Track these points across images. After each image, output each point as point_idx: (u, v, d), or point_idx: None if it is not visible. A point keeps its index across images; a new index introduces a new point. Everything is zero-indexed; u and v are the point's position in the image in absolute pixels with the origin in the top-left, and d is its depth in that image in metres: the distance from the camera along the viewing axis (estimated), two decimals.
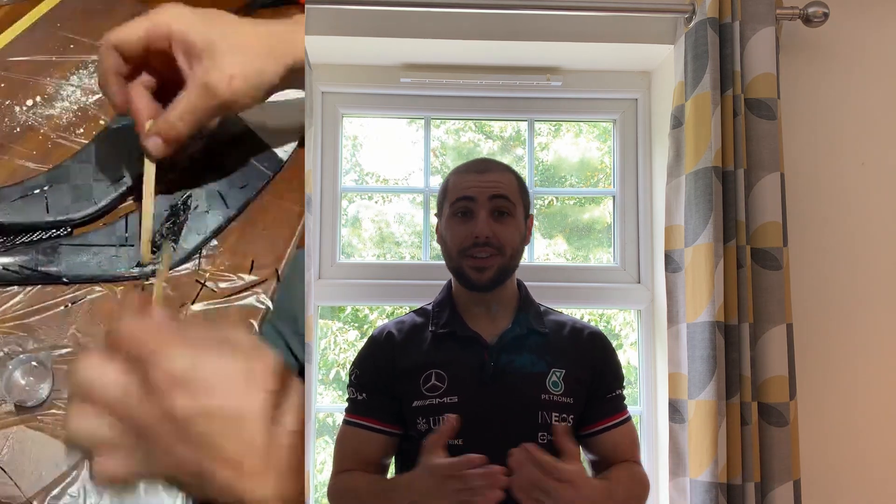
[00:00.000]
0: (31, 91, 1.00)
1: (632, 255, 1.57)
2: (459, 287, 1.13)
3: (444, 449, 0.95)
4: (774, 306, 1.26)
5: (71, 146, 0.95)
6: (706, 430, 1.21)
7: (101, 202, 0.90)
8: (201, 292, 0.88)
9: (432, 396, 1.06)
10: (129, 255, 0.88)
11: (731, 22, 1.29)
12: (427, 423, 1.06)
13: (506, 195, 1.09)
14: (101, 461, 0.60)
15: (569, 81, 1.57)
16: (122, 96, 0.84)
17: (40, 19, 1.08)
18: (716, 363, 1.21)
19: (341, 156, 1.60)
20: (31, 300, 0.84)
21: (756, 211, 1.28)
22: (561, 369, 1.08)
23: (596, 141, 1.74)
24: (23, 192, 0.88)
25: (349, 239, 1.67)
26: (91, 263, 0.86)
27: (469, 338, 1.09)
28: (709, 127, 1.26)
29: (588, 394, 1.09)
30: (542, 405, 1.06)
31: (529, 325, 1.10)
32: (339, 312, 1.79)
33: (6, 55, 1.03)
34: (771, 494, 1.22)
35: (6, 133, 0.96)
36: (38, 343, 0.81)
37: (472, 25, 1.43)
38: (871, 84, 1.46)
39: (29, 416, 0.76)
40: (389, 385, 1.09)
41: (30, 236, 0.87)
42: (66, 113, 1.00)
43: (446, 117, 1.68)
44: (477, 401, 1.05)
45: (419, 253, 1.64)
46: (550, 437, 1.05)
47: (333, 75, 1.56)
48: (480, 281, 1.07)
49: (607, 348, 1.14)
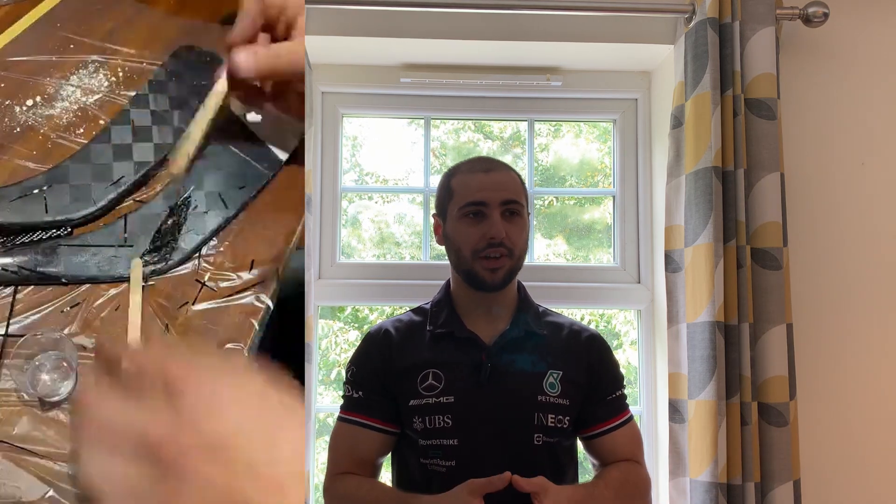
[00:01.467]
0: (31, 91, 1.00)
1: (632, 255, 1.57)
2: (459, 287, 1.13)
3: (482, 498, 0.95)
4: (774, 306, 1.26)
5: (71, 146, 0.95)
6: (706, 430, 1.21)
7: (101, 202, 0.90)
8: (201, 292, 0.88)
9: (429, 396, 1.06)
10: (127, 255, 0.88)
11: (731, 22, 1.29)
12: (423, 423, 1.06)
13: (515, 196, 1.09)
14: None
15: (569, 81, 1.57)
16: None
17: (40, 19, 1.08)
18: (716, 363, 1.21)
19: (341, 156, 1.60)
20: (30, 301, 0.84)
21: (756, 211, 1.28)
22: (558, 371, 1.08)
23: (596, 142, 1.74)
24: (21, 192, 0.88)
25: (349, 240, 1.67)
26: (90, 264, 0.86)
27: (467, 338, 1.09)
28: (709, 127, 1.26)
29: (586, 396, 1.09)
30: (538, 406, 1.06)
31: (528, 327, 1.10)
32: (340, 312, 1.79)
33: (6, 55, 1.03)
34: (771, 494, 1.22)
35: (6, 133, 0.96)
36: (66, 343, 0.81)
37: (472, 25, 1.43)
38: (871, 84, 1.46)
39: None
40: (386, 383, 1.09)
41: (29, 236, 0.87)
42: (66, 113, 0.99)
43: (446, 117, 1.68)
44: (473, 401, 1.05)
45: (419, 253, 1.64)
46: (546, 439, 1.05)
47: (333, 75, 1.56)
48: (494, 281, 1.07)
49: (605, 351, 1.14)
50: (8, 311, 0.83)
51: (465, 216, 1.08)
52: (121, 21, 1.10)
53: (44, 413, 0.78)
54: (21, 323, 0.83)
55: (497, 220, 1.07)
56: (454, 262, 1.11)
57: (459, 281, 1.12)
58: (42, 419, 0.77)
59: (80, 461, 0.55)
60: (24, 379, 0.77)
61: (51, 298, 0.85)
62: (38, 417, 0.77)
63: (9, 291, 0.84)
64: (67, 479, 0.74)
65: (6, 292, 0.84)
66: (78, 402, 0.57)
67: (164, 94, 1.00)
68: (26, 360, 0.79)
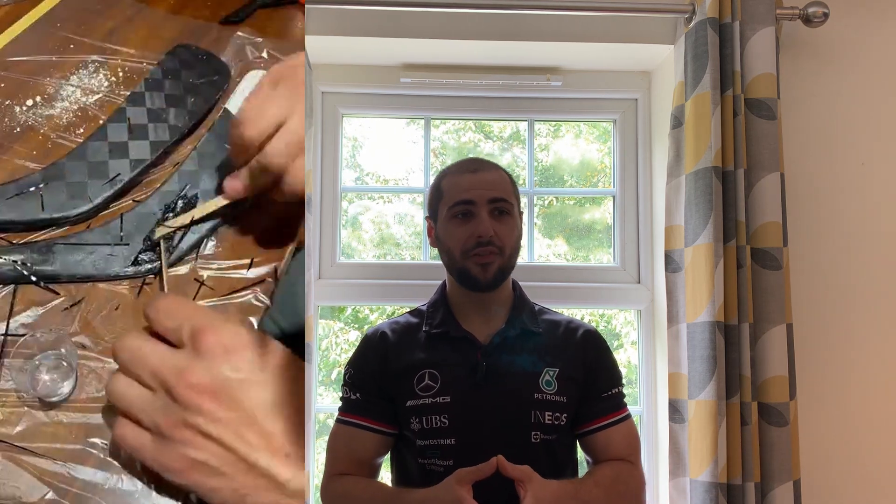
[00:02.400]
0: (31, 91, 1.00)
1: (632, 255, 1.57)
2: (454, 288, 1.13)
3: (470, 486, 0.95)
4: (774, 306, 1.25)
5: (71, 146, 0.95)
6: (706, 430, 1.20)
7: (97, 200, 0.90)
8: (200, 291, 0.88)
9: (425, 396, 1.07)
10: (123, 254, 0.88)
11: (731, 22, 1.29)
12: (420, 423, 1.06)
13: (504, 194, 1.10)
14: (122, 425, 0.70)
15: (569, 81, 1.57)
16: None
17: (40, 19, 1.08)
18: (716, 363, 1.21)
19: (341, 156, 1.60)
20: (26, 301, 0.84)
21: (756, 211, 1.28)
22: (554, 368, 1.08)
23: (596, 142, 1.74)
24: (18, 190, 0.88)
25: (349, 240, 1.67)
26: (86, 262, 0.86)
27: (462, 338, 1.10)
28: (709, 127, 1.26)
29: (583, 393, 1.10)
30: (535, 404, 1.06)
31: (523, 325, 1.11)
32: (340, 313, 1.78)
33: (6, 55, 1.03)
34: (771, 494, 1.22)
35: (6, 133, 0.96)
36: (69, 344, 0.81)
37: (472, 25, 1.43)
38: (871, 84, 1.46)
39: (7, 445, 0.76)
40: (383, 385, 1.10)
41: (25, 234, 0.87)
42: (66, 113, 0.99)
43: (446, 117, 1.68)
44: (469, 400, 1.06)
45: (419, 254, 1.64)
46: (544, 436, 1.05)
47: (333, 75, 1.56)
48: (486, 279, 1.08)
49: (601, 347, 1.14)
50: (8, 309, 0.83)
51: (455, 216, 1.09)
52: (121, 21, 1.10)
53: (44, 413, 0.78)
54: (20, 321, 0.83)
55: (485, 218, 1.07)
56: (447, 262, 1.12)
57: (453, 281, 1.13)
58: (42, 419, 0.77)
59: (111, 379, 0.72)
60: (24, 379, 0.77)
61: (50, 298, 0.85)
62: (37, 417, 0.77)
63: (8, 290, 0.84)
64: (67, 480, 0.74)
65: (6, 290, 0.84)
66: (120, 340, 0.73)
67: (160, 91, 1.00)
68: (26, 359, 0.79)
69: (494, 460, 0.96)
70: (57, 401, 0.78)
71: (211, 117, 1.01)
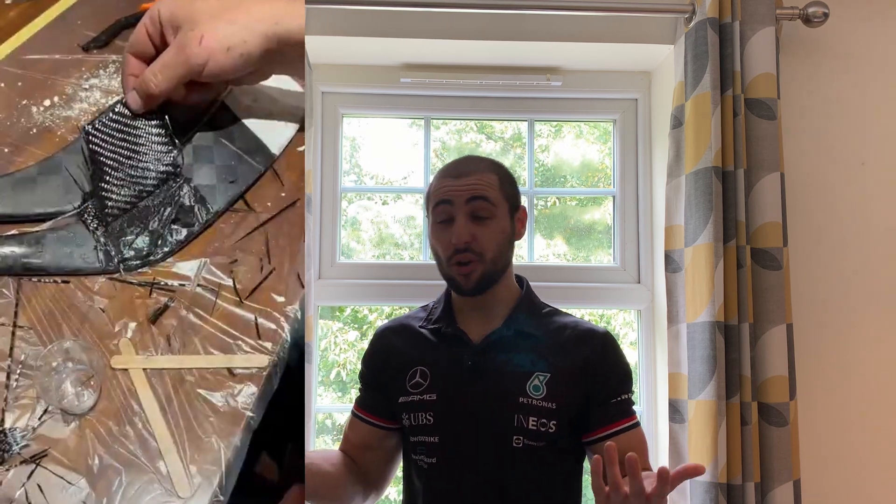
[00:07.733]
0: (48, 91, 0.96)
1: (632, 256, 1.57)
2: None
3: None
4: (774, 306, 1.26)
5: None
6: (706, 430, 1.21)
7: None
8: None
9: (415, 393, 1.08)
10: (114, 247, 0.87)
11: (731, 22, 1.29)
12: (409, 419, 1.08)
13: (484, 196, 1.07)
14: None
15: (569, 81, 1.57)
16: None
17: (60, 16, 1.03)
18: (716, 363, 1.21)
19: (341, 156, 1.60)
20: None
21: (756, 211, 1.28)
22: (546, 373, 1.05)
23: (597, 142, 1.74)
24: (13, 184, 0.88)
25: (348, 241, 1.67)
26: (75, 255, 0.85)
27: (453, 335, 1.10)
28: (709, 127, 1.26)
29: (586, 399, 1.06)
30: (518, 408, 1.04)
31: (519, 327, 1.09)
32: (339, 313, 1.79)
33: (23, 53, 0.99)
34: (771, 494, 1.22)
35: (22, 133, 0.93)
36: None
37: (472, 25, 1.43)
38: (871, 84, 1.46)
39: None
40: (382, 381, 1.13)
41: (18, 227, 0.86)
42: (84, 115, 0.95)
43: (446, 117, 1.68)
44: (454, 399, 1.06)
45: (419, 254, 1.64)
46: (528, 442, 1.03)
47: (333, 75, 1.56)
48: (468, 286, 1.07)
49: (610, 351, 1.10)
50: (14, 306, 0.82)
51: (438, 221, 1.09)
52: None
53: (64, 424, 0.76)
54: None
55: (461, 224, 1.06)
56: (437, 266, 1.12)
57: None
58: (59, 429, 0.76)
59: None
60: (48, 386, 0.76)
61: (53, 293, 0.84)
62: (55, 427, 0.76)
63: (12, 289, 0.83)
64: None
65: (9, 287, 0.83)
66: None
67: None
68: (48, 371, 0.77)
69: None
70: (80, 413, 0.76)
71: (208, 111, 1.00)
